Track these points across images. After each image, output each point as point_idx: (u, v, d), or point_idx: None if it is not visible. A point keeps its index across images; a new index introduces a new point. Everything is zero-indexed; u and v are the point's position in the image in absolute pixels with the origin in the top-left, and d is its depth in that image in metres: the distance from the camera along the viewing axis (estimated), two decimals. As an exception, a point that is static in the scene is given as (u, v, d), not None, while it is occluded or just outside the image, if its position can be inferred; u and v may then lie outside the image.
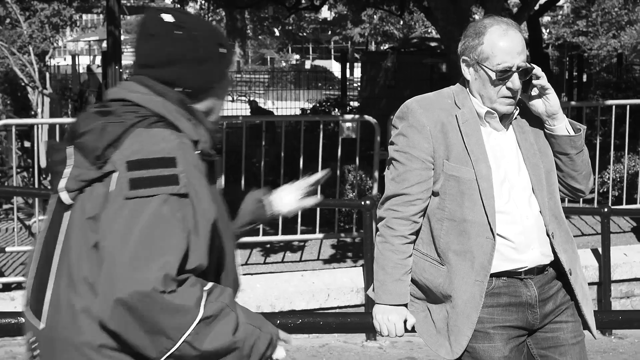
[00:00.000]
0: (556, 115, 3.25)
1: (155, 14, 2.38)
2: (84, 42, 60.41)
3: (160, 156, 2.20)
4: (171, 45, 2.35)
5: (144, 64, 2.38)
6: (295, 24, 55.63)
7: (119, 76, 8.83)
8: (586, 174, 3.37)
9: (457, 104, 3.30)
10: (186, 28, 2.37)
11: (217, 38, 2.44)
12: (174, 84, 2.37)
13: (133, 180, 2.17)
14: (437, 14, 10.24)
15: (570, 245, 3.35)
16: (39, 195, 9.30)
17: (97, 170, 2.23)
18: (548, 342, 3.36)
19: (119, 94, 2.36)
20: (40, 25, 15.61)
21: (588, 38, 40.69)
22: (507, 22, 3.21)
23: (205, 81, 2.41)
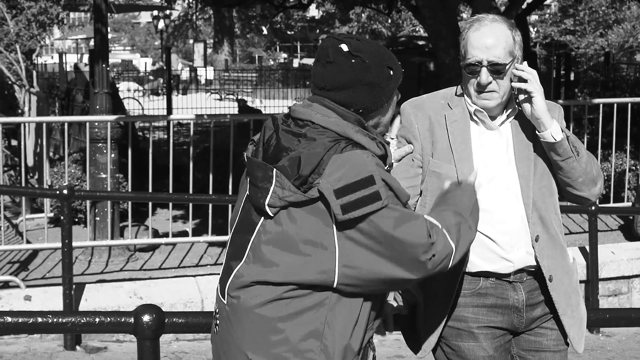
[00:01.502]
0: (540, 119, 3.17)
1: (335, 43, 2.72)
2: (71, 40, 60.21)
3: (360, 178, 2.55)
4: (347, 72, 2.69)
5: (322, 87, 2.73)
6: (283, 22, 55.59)
7: (106, 74, 8.79)
8: (584, 181, 3.28)
9: (449, 104, 3.31)
10: (360, 57, 2.69)
11: (386, 61, 2.75)
12: (349, 105, 2.71)
13: (343, 207, 2.53)
14: (425, 12, 10.25)
15: (557, 252, 3.30)
16: (26, 194, 9.26)
17: (302, 195, 2.59)
18: (529, 345, 3.35)
19: (307, 115, 2.70)
20: (27, 23, 15.55)
21: (575, 37, 40.82)
22: (489, 18, 3.19)
23: (376, 101, 2.75)
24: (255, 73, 38.23)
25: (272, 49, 59.95)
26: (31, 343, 6.69)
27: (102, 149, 8.60)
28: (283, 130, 2.71)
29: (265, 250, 2.65)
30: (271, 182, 2.63)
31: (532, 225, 3.24)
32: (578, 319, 3.35)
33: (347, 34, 2.84)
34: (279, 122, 2.76)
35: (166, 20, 46.65)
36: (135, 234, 9.25)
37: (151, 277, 8.00)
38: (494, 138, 3.28)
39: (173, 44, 56.65)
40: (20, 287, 7.34)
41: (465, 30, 3.22)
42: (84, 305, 6.77)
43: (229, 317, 2.72)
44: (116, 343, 6.81)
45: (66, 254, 6.52)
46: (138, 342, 3.03)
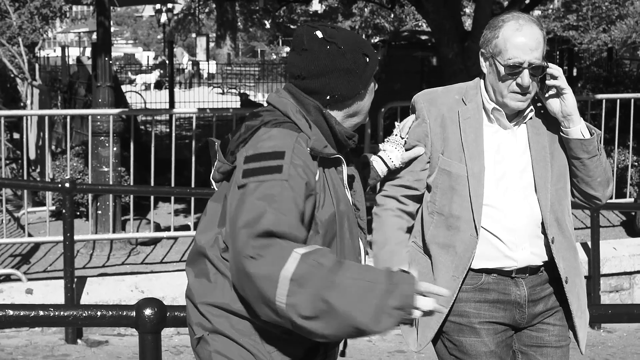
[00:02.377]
0: (571, 116, 3.20)
1: (309, 30, 2.71)
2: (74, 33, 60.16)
3: (271, 151, 2.56)
4: (323, 59, 2.69)
5: (297, 75, 2.73)
6: (286, 16, 55.53)
7: (108, 68, 8.78)
8: (602, 181, 3.30)
9: (464, 100, 3.30)
10: (335, 42, 2.69)
11: (362, 48, 2.74)
12: (325, 92, 2.71)
13: (245, 171, 2.56)
14: (428, 6, 10.23)
15: (571, 253, 3.31)
16: (28, 187, 9.27)
17: (229, 164, 2.67)
18: (531, 341, 3.35)
19: (269, 99, 2.76)
20: (30, 16, 15.53)
21: (578, 32, 40.74)
22: (525, 18, 3.19)
23: (352, 87, 2.73)
24: (257, 67, 38.18)
25: (275, 43, 59.89)
26: (32, 336, 6.69)
27: (104, 143, 8.60)
28: (250, 114, 2.78)
29: (201, 225, 2.76)
30: (216, 157, 2.76)
31: (548, 227, 3.24)
32: (585, 319, 3.38)
33: (321, 21, 2.80)
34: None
35: (169, 13, 46.60)
36: (137, 227, 9.25)
37: (153, 271, 8.01)
38: (508, 137, 3.28)
39: (176, 37, 56.62)
40: (22, 280, 7.34)
41: (499, 28, 3.19)
42: (85, 299, 6.78)
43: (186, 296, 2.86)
44: (117, 337, 6.82)
45: (68, 247, 6.52)
46: (139, 335, 3.03)
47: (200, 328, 2.69)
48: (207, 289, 2.67)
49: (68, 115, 9.36)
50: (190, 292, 2.73)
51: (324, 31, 2.71)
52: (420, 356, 6.32)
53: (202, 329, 2.69)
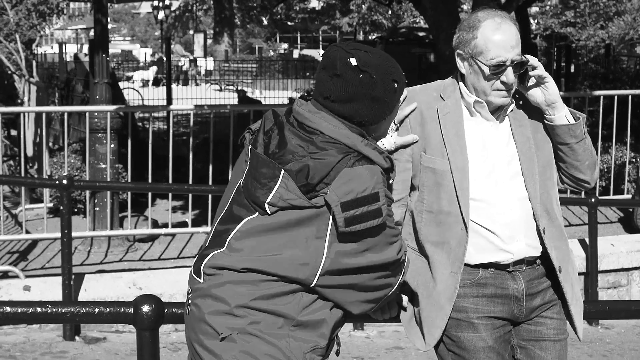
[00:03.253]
0: (555, 104, 3.23)
1: (344, 55, 2.73)
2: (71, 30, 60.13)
3: (366, 194, 2.63)
4: (355, 87, 2.72)
5: (327, 97, 2.74)
6: (284, 13, 55.51)
7: (106, 65, 8.78)
8: (590, 164, 3.34)
9: (442, 96, 3.30)
10: (368, 72, 2.71)
11: (392, 75, 2.77)
12: (352, 117, 2.74)
13: (347, 220, 2.62)
14: (426, 3, 10.23)
15: (562, 242, 3.33)
16: (25, 184, 9.26)
17: (307, 201, 2.65)
18: (530, 335, 3.35)
19: (315, 124, 2.73)
20: (27, 13, 15.50)
21: (576, 29, 40.76)
22: (501, 15, 3.20)
23: (379, 114, 2.78)
24: (255, 64, 38.16)
25: (272, 40, 59.89)
26: (30, 333, 6.69)
27: (102, 139, 8.60)
28: (289, 132, 2.75)
29: (251, 242, 2.71)
30: (276, 182, 2.68)
31: (539, 218, 3.25)
32: (579, 307, 3.39)
33: (354, 43, 2.83)
34: (282, 119, 2.79)
35: (166, 10, 46.60)
36: (135, 224, 9.25)
37: (150, 268, 8.01)
38: (491, 130, 3.28)
39: (173, 34, 56.57)
40: (20, 277, 7.34)
41: (476, 28, 3.19)
42: (83, 296, 6.77)
43: (205, 293, 2.75)
44: (115, 333, 6.82)
45: (65, 244, 6.52)
46: (137, 332, 3.03)
47: (228, 328, 2.70)
48: (246, 293, 2.70)
49: (65, 112, 9.37)
50: (222, 292, 2.73)
51: (358, 58, 2.73)
52: (418, 353, 6.32)
53: (229, 329, 2.70)
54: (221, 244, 2.75)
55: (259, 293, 2.68)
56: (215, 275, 2.73)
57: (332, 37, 53.95)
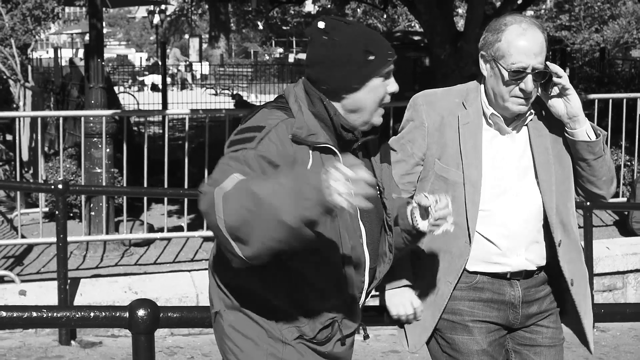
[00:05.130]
0: (577, 117, 3.17)
1: (315, 21, 2.78)
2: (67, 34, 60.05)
3: (254, 125, 2.69)
4: (317, 48, 2.75)
5: (305, 64, 2.83)
6: (279, 17, 55.52)
7: (101, 69, 8.78)
8: (607, 180, 3.29)
9: (464, 104, 3.27)
10: (331, 34, 2.72)
11: (364, 44, 2.72)
12: (318, 82, 2.76)
13: (230, 142, 2.70)
14: (421, 7, 10.24)
15: (577, 255, 3.31)
16: (21, 189, 9.25)
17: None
18: (524, 341, 3.36)
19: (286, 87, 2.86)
20: (22, 17, 15.52)
21: (571, 32, 40.78)
22: (528, 22, 3.16)
23: (345, 82, 2.73)
24: (250, 68, 38.15)
25: (268, 44, 59.88)
26: (26, 338, 6.68)
27: (97, 144, 8.60)
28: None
29: None
30: None
31: (554, 230, 3.22)
32: (590, 320, 3.39)
33: (336, 15, 2.85)
34: None
35: (161, 15, 46.56)
36: (130, 228, 9.25)
37: (146, 272, 8.01)
38: (506, 142, 3.25)
39: (169, 39, 56.57)
40: (15, 281, 7.33)
41: (502, 31, 3.15)
42: (78, 300, 6.77)
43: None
44: (111, 338, 6.81)
45: (61, 248, 6.51)
46: (133, 336, 3.02)
47: (221, 303, 2.82)
48: (226, 269, 2.76)
49: (61, 117, 9.34)
50: (210, 267, 2.90)
51: (327, 22, 2.75)
52: (415, 356, 6.32)
53: (220, 304, 2.82)
54: None
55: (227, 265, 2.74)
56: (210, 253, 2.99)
57: (328, 41, 53.87)
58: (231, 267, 2.61)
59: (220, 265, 2.79)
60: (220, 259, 2.75)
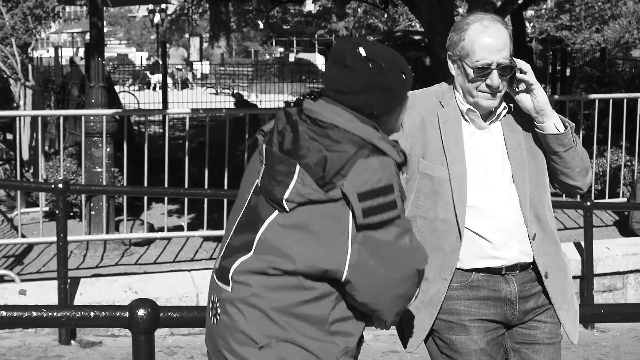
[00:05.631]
0: (544, 111, 3.23)
1: (352, 47, 2.76)
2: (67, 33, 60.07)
3: (381, 185, 2.64)
4: (365, 76, 2.74)
5: (338, 90, 2.77)
6: (280, 16, 55.51)
7: (101, 68, 8.77)
8: (580, 170, 3.33)
9: (441, 102, 3.31)
10: (377, 61, 2.74)
11: (400, 66, 2.80)
12: (363, 109, 2.75)
13: (364, 210, 2.63)
14: (421, 7, 10.24)
15: (552, 248, 3.33)
16: (21, 188, 9.25)
17: (324, 194, 2.65)
18: (523, 338, 3.36)
19: (329, 118, 2.73)
20: (23, 17, 15.52)
21: (571, 32, 40.77)
22: (490, 18, 3.21)
23: (390, 105, 2.79)
24: (251, 67, 38.13)
25: (268, 44, 59.87)
26: (26, 337, 6.68)
27: (98, 143, 8.60)
28: (303, 128, 2.75)
29: (277, 242, 2.70)
30: (292, 178, 2.69)
31: (529, 223, 3.25)
32: (573, 311, 3.39)
33: (359, 37, 2.84)
34: (295, 117, 2.80)
35: (162, 14, 46.56)
36: (131, 228, 9.24)
37: (146, 272, 8.00)
38: (484, 137, 3.29)
39: (170, 38, 56.55)
40: (15, 281, 7.33)
41: (464, 30, 3.22)
42: (78, 300, 6.77)
43: (234, 303, 2.74)
44: (111, 337, 6.81)
45: (61, 248, 6.51)
46: (133, 336, 3.03)
47: (266, 336, 2.70)
48: (280, 298, 2.70)
49: (61, 116, 9.35)
50: (256, 299, 2.72)
51: (367, 48, 2.75)
52: (414, 356, 6.32)
53: (268, 337, 2.70)
54: (247, 249, 2.75)
55: (294, 298, 2.69)
56: (246, 283, 2.73)
57: (328, 40, 53.91)
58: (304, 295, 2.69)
59: (287, 293, 2.71)
60: (286, 287, 2.70)
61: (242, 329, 2.72)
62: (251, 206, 2.81)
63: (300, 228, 2.68)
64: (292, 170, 2.69)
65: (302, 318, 2.69)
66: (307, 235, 2.67)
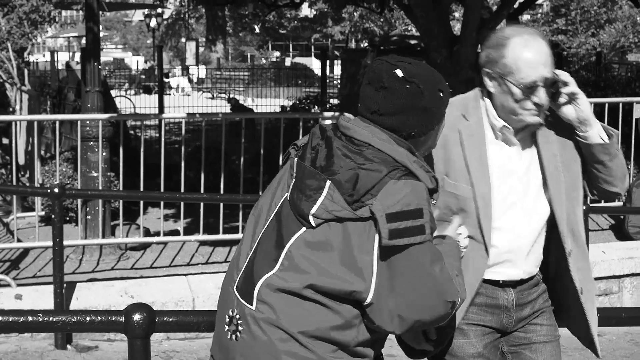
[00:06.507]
0: (587, 121, 3.12)
1: (389, 68, 2.72)
2: (63, 38, 60.09)
3: (411, 209, 2.59)
4: (402, 98, 2.70)
5: (374, 111, 2.73)
6: (276, 21, 55.56)
7: (97, 73, 8.77)
8: (621, 176, 3.24)
9: (465, 115, 3.19)
10: (415, 82, 2.70)
11: (438, 85, 2.75)
12: (400, 130, 2.73)
13: (391, 232, 2.57)
14: (417, 11, 10.24)
15: (585, 263, 3.27)
16: (17, 193, 9.24)
17: (352, 212, 2.61)
18: (519, 341, 3.34)
19: (365, 137, 2.69)
20: (19, 21, 15.53)
21: (567, 36, 40.88)
22: (529, 32, 3.10)
23: (427, 125, 2.76)
24: (247, 72, 38.17)
25: (265, 48, 59.93)
26: (22, 342, 6.67)
27: (94, 148, 8.59)
28: (338, 145, 2.72)
29: (303, 260, 2.65)
30: (321, 193, 2.65)
31: (565, 240, 3.19)
32: (596, 325, 3.37)
33: (397, 56, 2.80)
34: (330, 134, 2.76)
35: (158, 18, 46.62)
36: (127, 232, 9.24)
37: (142, 276, 8.00)
38: (512, 153, 3.19)
39: (166, 42, 56.56)
40: (11, 285, 7.33)
41: (504, 46, 3.08)
42: (74, 304, 6.76)
43: (259, 323, 2.69)
44: (107, 342, 6.81)
45: (57, 252, 6.50)
46: (129, 341, 3.02)
47: (294, 357, 2.66)
48: (307, 320, 2.67)
49: (57, 121, 9.36)
50: (282, 320, 2.68)
51: (404, 69, 2.71)
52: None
53: (296, 358, 2.66)
54: (272, 265, 2.69)
55: (321, 322, 2.65)
56: (271, 303, 2.68)
57: (324, 44, 53.94)
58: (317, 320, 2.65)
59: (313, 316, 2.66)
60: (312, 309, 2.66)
61: (266, 349, 2.68)
62: (278, 220, 2.75)
63: (325, 245, 2.64)
64: (322, 186, 2.66)
65: (329, 341, 2.66)
66: (332, 254, 2.63)
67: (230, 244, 9.05)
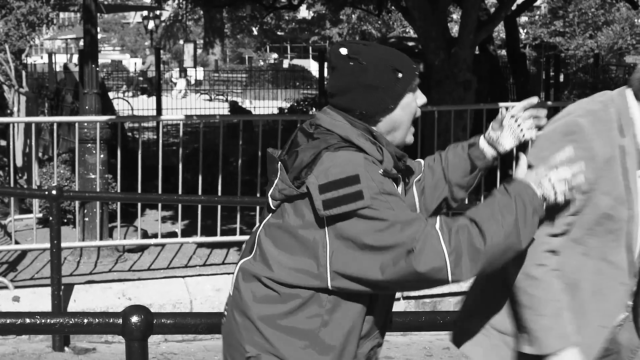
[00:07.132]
0: None
1: (336, 48, 2.72)
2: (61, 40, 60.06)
3: (345, 176, 2.53)
4: (346, 76, 2.69)
5: (330, 94, 2.75)
6: (274, 23, 55.57)
7: (95, 75, 8.77)
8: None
9: (620, 130, 2.81)
10: (357, 59, 2.67)
11: (390, 63, 2.70)
12: (350, 109, 2.70)
13: (325, 202, 2.54)
14: (415, 13, 10.25)
15: None
16: (15, 194, 9.24)
17: (294, 189, 2.62)
18: None
19: (318, 119, 2.73)
20: (17, 23, 15.51)
21: (565, 38, 40.90)
22: None
23: (378, 104, 2.70)
24: (245, 74, 38.15)
25: (262, 50, 59.92)
26: (19, 344, 6.67)
27: (91, 150, 8.59)
28: (301, 132, 2.76)
29: (267, 246, 2.69)
30: (277, 175, 2.71)
31: None
32: None
33: (355, 40, 2.76)
34: (302, 125, 2.81)
35: (156, 20, 46.57)
36: (124, 234, 9.23)
37: (140, 278, 7.99)
38: None
39: (164, 44, 56.56)
40: (9, 287, 7.32)
41: None
42: (72, 306, 6.76)
43: (232, 308, 2.76)
44: (105, 344, 6.80)
45: (55, 254, 6.50)
46: (126, 343, 3.02)
47: (255, 347, 2.67)
48: (268, 307, 2.66)
49: (55, 123, 9.34)
50: (245, 305, 2.69)
51: (349, 48, 2.70)
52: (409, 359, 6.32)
53: (256, 348, 2.67)
54: (250, 251, 2.77)
55: (279, 308, 2.65)
56: (240, 289, 2.73)
57: (322, 46, 53.97)
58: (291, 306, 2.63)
59: (272, 303, 2.66)
60: (272, 297, 2.65)
61: (236, 336, 2.73)
62: (262, 209, 2.86)
63: (280, 228, 2.66)
64: (276, 167, 2.73)
65: (288, 331, 2.64)
66: (285, 235, 2.64)
67: (228, 245, 9.04)
